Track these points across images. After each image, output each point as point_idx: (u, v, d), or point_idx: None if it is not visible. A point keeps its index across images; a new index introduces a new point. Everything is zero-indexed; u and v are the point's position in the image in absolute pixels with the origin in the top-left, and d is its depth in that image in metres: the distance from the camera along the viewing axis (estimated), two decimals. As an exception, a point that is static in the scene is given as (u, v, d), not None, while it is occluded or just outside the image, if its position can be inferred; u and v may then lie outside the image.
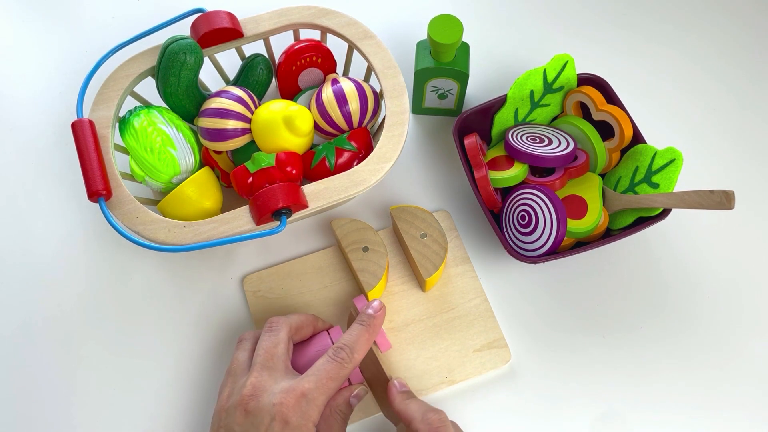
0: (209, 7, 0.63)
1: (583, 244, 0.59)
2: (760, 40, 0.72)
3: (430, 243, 0.58)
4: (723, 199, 0.51)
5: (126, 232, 0.51)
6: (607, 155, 0.61)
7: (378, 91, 0.63)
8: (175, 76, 0.57)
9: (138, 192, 0.63)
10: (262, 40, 0.65)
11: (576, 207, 0.59)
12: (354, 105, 0.59)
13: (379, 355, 0.58)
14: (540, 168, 0.62)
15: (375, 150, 0.56)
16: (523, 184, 0.59)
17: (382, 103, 0.63)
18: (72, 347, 0.59)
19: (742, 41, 0.72)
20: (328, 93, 0.59)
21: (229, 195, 0.63)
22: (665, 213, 0.57)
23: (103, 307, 0.61)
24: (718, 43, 0.72)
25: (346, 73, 0.66)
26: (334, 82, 0.60)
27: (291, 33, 0.66)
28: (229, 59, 0.68)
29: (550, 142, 0.60)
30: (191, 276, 0.62)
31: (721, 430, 0.56)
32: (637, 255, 0.62)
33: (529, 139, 0.61)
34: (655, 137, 0.65)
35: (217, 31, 0.58)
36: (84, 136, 0.54)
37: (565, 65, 0.61)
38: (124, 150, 0.59)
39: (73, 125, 0.54)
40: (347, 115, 0.59)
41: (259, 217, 0.52)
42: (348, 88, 0.59)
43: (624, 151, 0.61)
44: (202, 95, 0.60)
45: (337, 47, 0.65)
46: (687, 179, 0.64)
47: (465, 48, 0.62)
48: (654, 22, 0.74)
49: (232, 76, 0.66)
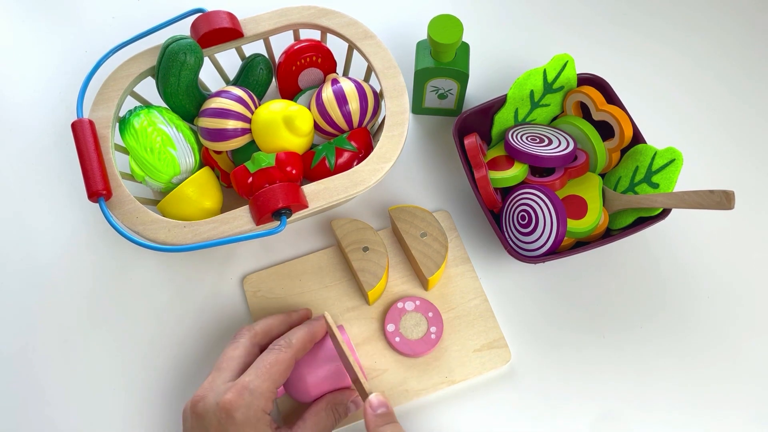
0: (209, 7, 0.63)
1: (583, 244, 0.59)
2: (760, 40, 0.72)
3: (430, 242, 0.58)
4: (723, 199, 0.51)
5: (126, 232, 0.51)
6: (607, 155, 0.61)
7: (378, 91, 0.63)
8: (175, 76, 0.57)
9: (138, 192, 0.63)
10: (262, 40, 0.65)
11: (576, 207, 0.59)
12: (354, 105, 0.59)
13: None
14: (540, 168, 0.62)
15: (375, 150, 0.56)
16: (523, 184, 0.59)
17: (382, 103, 0.63)
18: (72, 347, 0.59)
19: (742, 41, 0.72)
20: (328, 93, 0.59)
21: (229, 195, 0.63)
22: (665, 213, 0.57)
23: (103, 306, 0.61)
24: (719, 42, 0.72)
25: (346, 73, 0.66)
26: (334, 82, 0.60)
27: (291, 33, 0.66)
28: (229, 59, 0.68)
29: (550, 142, 0.60)
30: (191, 276, 0.62)
31: (721, 430, 0.56)
32: (637, 255, 0.62)
33: (529, 139, 0.61)
34: (655, 137, 0.65)
35: (217, 31, 0.58)
36: (84, 136, 0.54)
37: (565, 65, 0.61)
38: (124, 150, 0.59)
39: (73, 125, 0.54)
40: (347, 115, 0.59)
41: (259, 217, 0.52)
42: (348, 88, 0.59)
43: (624, 151, 0.61)
44: (202, 95, 0.60)
45: (337, 47, 0.65)
46: (687, 179, 0.64)
47: (465, 48, 0.62)
48: (654, 21, 0.74)
49: (232, 76, 0.66)
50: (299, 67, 0.62)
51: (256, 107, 0.59)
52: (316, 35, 0.64)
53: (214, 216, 0.54)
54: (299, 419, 0.51)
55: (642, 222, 0.58)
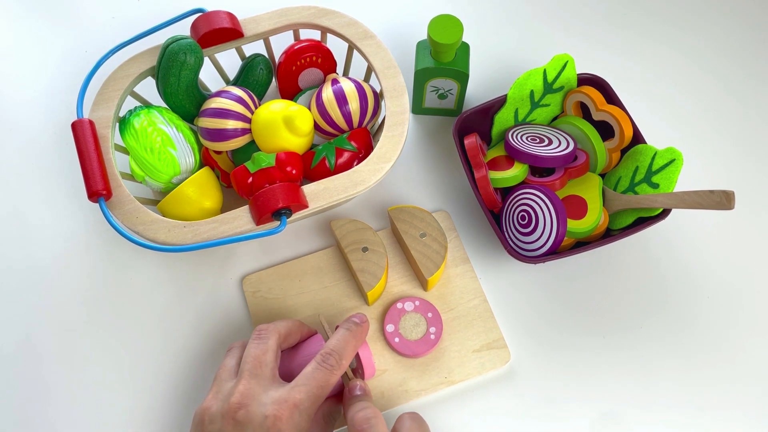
0: (209, 7, 0.63)
1: (583, 244, 0.59)
2: (760, 40, 0.72)
3: (429, 242, 0.58)
4: (723, 199, 0.51)
5: (126, 232, 0.51)
6: (607, 155, 0.61)
7: (378, 91, 0.63)
8: (175, 76, 0.57)
9: (138, 192, 0.63)
10: (262, 40, 0.65)
11: (576, 207, 0.59)
12: (354, 105, 0.59)
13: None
14: (540, 168, 0.62)
15: (375, 150, 0.56)
16: (523, 184, 0.59)
17: (382, 103, 0.63)
18: (72, 346, 0.59)
19: (742, 41, 0.72)
20: (328, 93, 0.59)
21: (229, 195, 0.63)
22: (665, 213, 0.57)
23: (103, 306, 0.61)
24: (719, 42, 0.72)
25: (346, 73, 0.66)
26: (334, 82, 0.60)
27: (291, 33, 0.66)
28: (229, 59, 0.68)
29: (550, 142, 0.60)
30: (191, 276, 0.62)
31: (721, 430, 0.56)
32: (637, 255, 0.62)
33: (529, 139, 0.61)
34: (655, 137, 0.65)
35: (217, 31, 0.58)
36: (84, 136, 0.54)
37: (565, 65, 0.61)
38: (124, 150, 0.59)
39: (73, 125, 0.54)
40: (347, 115, 0.59)
41: (259, 217, 0.52)
42: (348, 88, 0.59)
43: (624, 151, 0.61)
44: (202, 95, 0.60)
45: (337, 47, 0.65)
46: (687, 179, 0.64)
47: (465, 48, 0.62)
48: (654, 22, 0.74)
49: (232, 76, 0.66)
50: (299, 67, 0.62)
51: (256, 107, 0.59)
52: (316, 35, 0.64)
53: (214, 216, 0.54)
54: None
55: (642, 222, 0.58)
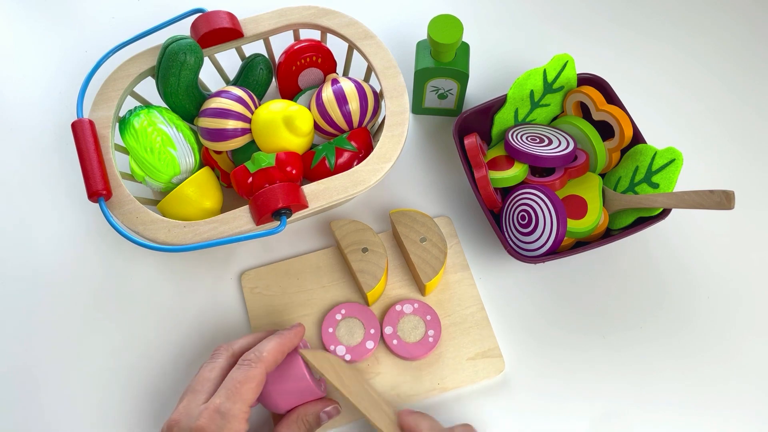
0: (209, 7, 0.63)
1: (583, 244, 0.59)
2: (760, 40, 0.72)
3: (429, 247, 0.58)
4: (723, 199, 0.51)
5: (126, 232, 0.51)
6: (607, 155, 0.61)
7: (378, 91, 0.63)
8: (175, 76, 0.57)
9: (138, 192, 0.63)
10: (262, 40, 0.65)
11: (576, 207, 0.59)
12: (354, 105, 0.59)
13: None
14: (540, 168, 0.62)
15: (375, 150, 0.56)
16: (523, 184, 0.59)
17: (382, 103, 0.63)
18: (72, 346, 0.59)
19: (742, 41, 0.72)
20: (328, 93, 0.59)
21: (229, 195, 0.63)
22: (665, 213, 0.57)
23: (103, 306, 0.61)
24: (719, 42, 0.72)
25: (346, 73, 0.66)
26: (334, 82, 0.60)
27: (291, 33, 0.66)
28: (229, 59, 0.68)
29: (550, 142, 0.60)
30: (191, 276, 0.62)
31: (721, 430, 0.56)
32: (637, 255, 0.62)
33: (529, 139, 0.61)
34: (655, 137, 0.65)
35: (217, 31, 0.58)
36: (84, 136, 0.54)
37: (565, 65, 0.61)
38: (124, 150, 0.59)
39: (73, 125, 0.54)
40: (347, 115, 0.59)
41: (259, 217, 0.52)
42: (348, 88, 0.59)
43: (624, 151, 0.61)
44: (202, 95, 0.60)
45: (337, 47, 0.65)
46: (687, 179, 0.64)
47: (465, 48, 0.62)
48: (654, 22, 0.74)
49: (232, 76, 0.66)
50: (299, 67, 0.62)
51: (256, 107, 0.59)
52: (316, 35, 0.64)
53: (214, 216, 0.54)
54: None
55: (642, 222, 0.58)
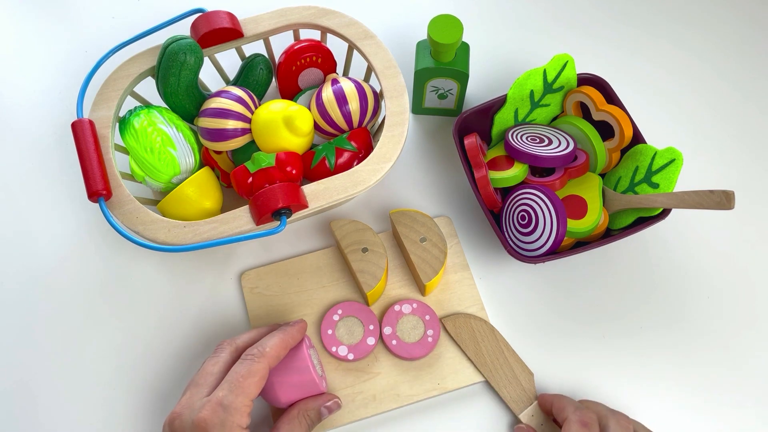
0: (209, 7, 0.63)
1: (583, 244, 0.59)
2: (761, 40, 0.72)
3: (429, 247, 0.58)
4: (723, 199, 0.51)
5: (126, 232, 0.51)
6: (607, 155, 0.61)
7: (378, 91, 0.63)
8: (175, 76, 0.57)
9: (138, 192, 0.63)
10: (262, 40, 0.65)
11: (576, 207, 0.59)
12: (354, 105, 0.59)
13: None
14: (540, 168, 0.62)
15: (375, 150, 0.56)
16: (523, 184, 0.59)
17: (382, 103, 0.63)
18: (72, 347, 0.59)
19: (742, 41, 0.72)
20: (328, 93, 0.59)
21: (229, 195, 0.63)
22: (665, 213, 0.57)
23: (103, 306, 0.61)
24: (719, 42, 0.72)
25: (346, 73, 0.66)
26: (334, 82, 0.60)
27: (291, 33, 0.66)
28: (229, 59, 0.68)
29: (550, 142, 0.60)
30: (191, 276, 0.62)
31: (722, 429, 0.56)
32: (637, 255, 0.62)
33: (529, 139, 0.61)
34: (655, 137, 0.65)
35: (217, 31, 0.58)
36: (84, 136, 0.54)
37: (565, 65, 0.61)
38: (124, 150, 0.59)
39: (73, 125, 0.54)
40: (347, 115, 0.59)
41: (259, 217, 0.52)
42: (348, 88, 0.59)
43: (624, 151, 0.61)
44: (202, 95, 0.60)
45: (337, 47, 0.65)
46: (687, 179, 0.64)
47: (465, 48, 0.62)
48: (654, 21, 0.74)
49: (232, 76, 0.66)
50: (299, 67, 0.62)
51: (256, 107, 0.59)
52: (316, 35, 0.64)
53: (214, 216, 0.54)
54: (273, 428, 0.50)
55: (642, 222, 0.58)
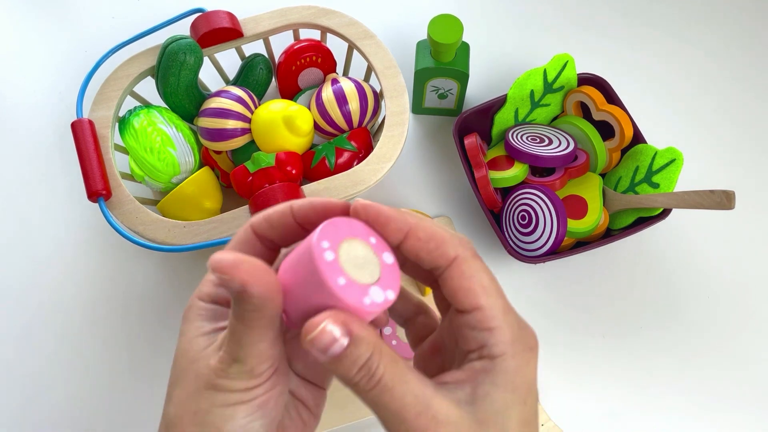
0: (209, 7, 0.63)
1: (583, 244, 0.59)
2: (760, 41, 0.72)
3: None
4: (723, 199, 0.51)
5: (126, 232, 0.51)
6: (607, 155, 0.61)
7: (378, 91, 0.63)
8: (175, 76, 0.57)
9: (138, 192, 0.63)
10: (262, 40, 0.65)
11: (576, 207, 0.59)
12: (354, 105, 0.59)
13: None
14: (540, 168, 0.62)
15: (375, 150, 0.56)
16: (523, 184, 0.59)
17: (382, 103, 0.63)
18: (72, 347, 0.59)
19: (743, 42, 0.72)
20: (328, 93, 0.59)
21: (229, 195, 0.63)
22: (665, 213, 0.57)
23: (103, 306, 0.61)
24: (720, 42, 0.72)
25: (346, 73, 0.65)
26: (334, 82, 0.60)
27: (291, 33, 0.66)
28: (229, 59, 0.68)
29: (550, 142, 0.60)
30: (191, 275, 0.62)
31: (721, 429, 0.56)
32: (637, 255, 0.62)
33: (529, 139, 0.61)
34: (655, 137, 0.65)
35: (217, 31, 0.58)
36: (84, 136, 0.54)
37: (565, 65, 0.61)
38: (124, 150, 0.59)
39: (73, 125, 0.54)
40: (347, 115, 0.59)
41: (259, 217, 0.52)
42: (348, 88, 0.59)
43: (624, 151, 0.61)
44: (202, 95, 0.60)
45: (337, 47, 0.65)
46: (687, 179, 0.64)
47: (465, 48, 0.62)
48: (655, 22, 0.74)
49: (232, 76, 0.66)
50: (299, 67, 0.62)
51: (256, 107, 0.59)
52: (316, 35, 0.64)
53: (214, 216, 0.54)
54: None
55: (642, 222, 0.57)
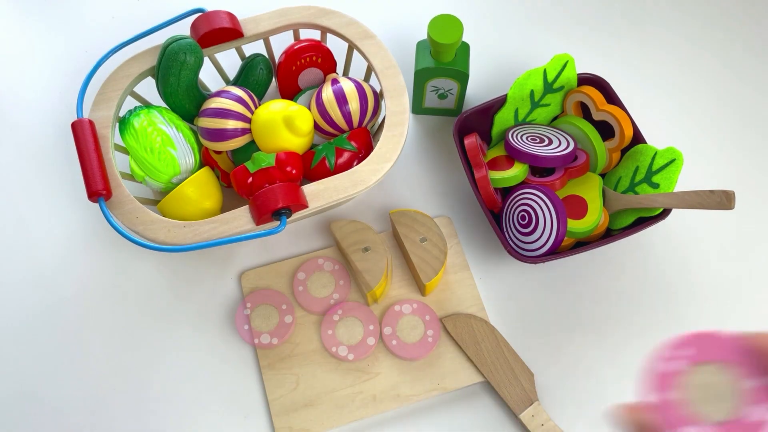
0: (209, 7, 0.63)
1: (583, 244, 0.59)
2: (761, 41, 0.72)
3: (429, 247, 0.58)
4: (723, 199, 0.51)
5: (126, 232, 0.51)
6: (607, 155, 0.61)
7: (378, 91, 0.63)
8: (175, 76, 0.57)
9: (138, 192, 0.63)
10: (262, 40, 0.65)
11: (576, 207, 0.59)
12: (354, 105, 0.59)
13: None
14: (540, 168, 0.62)
15: (375, 150, 0.56)
16: (523, 184, 0.59)
17: (382, 103, 0.63)
18: (72, 346, 0.59)
19: (744, 41, 0.72)
20: (328, 93, 0.59)
21: (229, 195, 0.63)
22: (665, 213, 0.57)
23: (103, 306, 0.61)
24: (720, 42, 0.72)
25: (346, 73, 0.65)
26: (334, 82, 0.60)
27: (291, 33, 0.66)
28: (229, 59, 0.68)
29: (550, 142, 0.60)
30: (191, 275, 0.62)
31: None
32: (637, 255, 0.62)
33: (529, 139, 0.61)
34: (655, 137, 0.65)
35: (217, 31, 0.58)
36: (84, 136, 0.54)
37: (565, 65, 0.61)
38: (124, 150, 0.59)
39: (73, 125, 0.54)
40: (347, 115, 0.59)
41: (259, 217, 0.52)
42: (348, 88, 0.59)
43: (624, 151, 0.61)
44: (202, 95, 0.60)
45: (337, 47, 0.65)
46: (687, 179, 0.64)
47: (465, 48, 0.62)
48: (654, 22, 0.74)
49: (232, 76, 0.66)
50: (299, 67, 0.62)
51: (256, 107, 0.59)
52: (316, 35, 0.64)
53: (214, 216, 0.54)
54: None
55: (642, 222, 0.57)
